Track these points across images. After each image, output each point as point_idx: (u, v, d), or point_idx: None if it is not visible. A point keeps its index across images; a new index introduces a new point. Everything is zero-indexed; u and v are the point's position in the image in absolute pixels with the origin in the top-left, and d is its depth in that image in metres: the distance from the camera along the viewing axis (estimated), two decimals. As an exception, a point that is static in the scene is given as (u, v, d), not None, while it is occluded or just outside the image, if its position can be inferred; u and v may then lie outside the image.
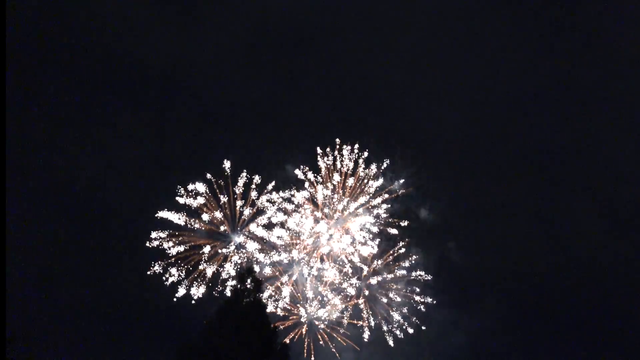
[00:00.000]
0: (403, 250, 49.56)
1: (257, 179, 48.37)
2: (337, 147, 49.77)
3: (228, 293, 45.67)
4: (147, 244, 46.34)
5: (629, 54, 55.82)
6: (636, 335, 49.24)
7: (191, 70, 54.72)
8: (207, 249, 47.91)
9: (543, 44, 57.24)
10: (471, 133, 54.92)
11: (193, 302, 46.33)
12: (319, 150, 49.65)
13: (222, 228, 48.64)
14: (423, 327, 48.57)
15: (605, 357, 50.02)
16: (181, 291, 46.42)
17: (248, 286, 30.43)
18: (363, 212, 49.98)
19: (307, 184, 49.47)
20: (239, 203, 48.63)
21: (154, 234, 46.34)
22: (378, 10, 56.94)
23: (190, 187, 47.80)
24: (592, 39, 56.38)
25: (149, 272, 45.73)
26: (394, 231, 49.64)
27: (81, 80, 50.71)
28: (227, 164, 48.10)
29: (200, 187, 47.75)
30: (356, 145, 49.66)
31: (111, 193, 49.37)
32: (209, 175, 47.88)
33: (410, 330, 48.12)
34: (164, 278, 46.26)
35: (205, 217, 48.00)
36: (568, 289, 51.76)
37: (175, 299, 46.10)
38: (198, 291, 46.69)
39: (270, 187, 48.62)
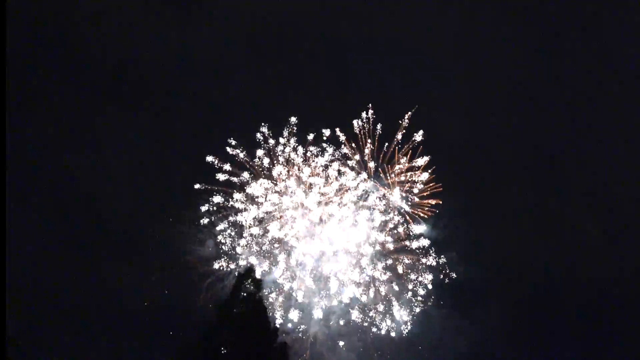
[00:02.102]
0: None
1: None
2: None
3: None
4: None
5: (628, 56, 55.91)
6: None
7: (190, 71, 54.64)
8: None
9: (542, 46, 57.33)
10: (469, 140, 54.51)
11: None
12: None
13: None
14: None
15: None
16: None
17: (248, 286, 30.61)
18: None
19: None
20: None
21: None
22: (380, 10, 56.88)
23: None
24: (592, 42, 56.39)
25: None
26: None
27: (80, 80, 50.79)
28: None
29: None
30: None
31: (111, 193, 49.38)
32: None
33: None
34: None
35: None
36: (571, 297, 51.70)
37: None
38: None
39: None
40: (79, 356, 41.32)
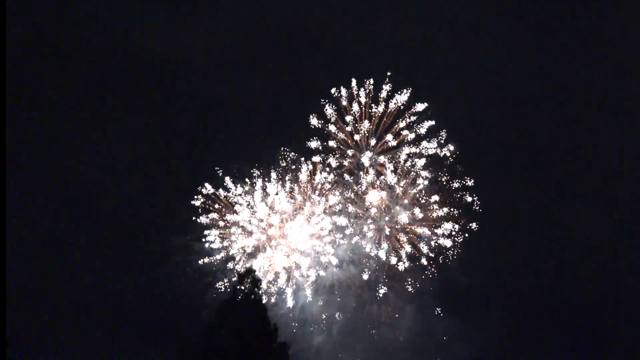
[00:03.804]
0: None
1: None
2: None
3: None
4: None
5: (629, 55, 55.77)
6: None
7: (189, 70, 54.68)
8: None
9: (543, 44, 57.16)
10: (468, 143, 54.34)
11: None
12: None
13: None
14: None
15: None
16: None
17: (247, 286, 30.56)
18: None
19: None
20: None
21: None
22: (382, 7, 56.65)
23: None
24: (594, 41, 56.23)
25: None
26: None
27: (80, 80, 50.83)
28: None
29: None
30: None
31: (110, 193, 49.43)
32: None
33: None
34: None
35: None
36: (573, 301, 51.59)
37: None
38: None
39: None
40: (78, 356, 41.37)
